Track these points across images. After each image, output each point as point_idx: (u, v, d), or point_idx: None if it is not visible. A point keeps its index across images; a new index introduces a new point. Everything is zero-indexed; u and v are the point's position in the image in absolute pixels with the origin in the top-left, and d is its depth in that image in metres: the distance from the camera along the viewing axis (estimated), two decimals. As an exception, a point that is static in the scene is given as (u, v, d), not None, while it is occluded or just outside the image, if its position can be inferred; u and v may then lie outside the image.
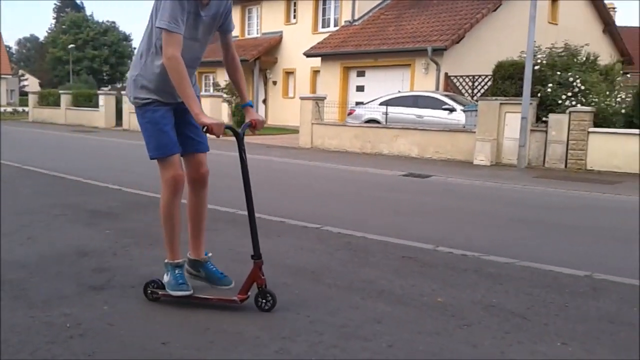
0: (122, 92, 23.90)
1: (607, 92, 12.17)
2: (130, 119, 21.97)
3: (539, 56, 12.63)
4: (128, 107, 22.11)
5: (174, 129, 3.16)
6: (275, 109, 24.64)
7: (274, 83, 25.10)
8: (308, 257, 4.24)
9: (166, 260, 3.24)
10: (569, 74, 11.99)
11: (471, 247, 4.64)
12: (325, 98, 16.04)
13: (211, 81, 24.99)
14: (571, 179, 9.87)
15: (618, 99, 12.01)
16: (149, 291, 3.23)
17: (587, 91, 11.81)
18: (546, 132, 11.53)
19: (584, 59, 12.78)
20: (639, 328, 2.95)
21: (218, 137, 2.93)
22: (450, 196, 8.18)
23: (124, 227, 5.04)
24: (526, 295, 3.49)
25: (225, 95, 20.35)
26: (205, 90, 24.02)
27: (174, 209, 3.18)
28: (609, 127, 11.19)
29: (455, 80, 16.49)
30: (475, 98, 15.00)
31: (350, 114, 15.85)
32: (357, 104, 17.27)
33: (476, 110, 12.42)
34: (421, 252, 4.49)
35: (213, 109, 17.71)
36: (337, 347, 2.66)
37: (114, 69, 40.37)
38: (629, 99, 11.87)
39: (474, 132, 12.29)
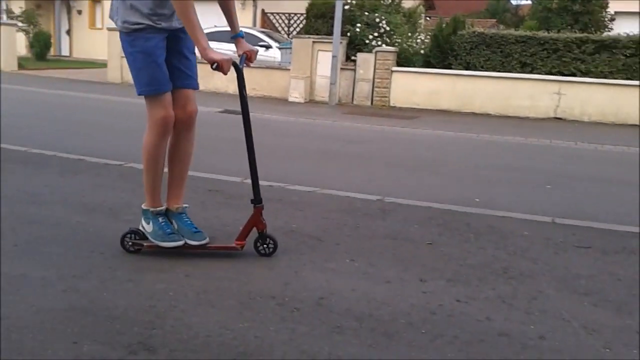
0: None
1: (409, 34, 13.03)
2: None
3: (350, -4, 13.05)
4: None
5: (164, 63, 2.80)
6: (81, 40, 22.62)
7: (79, 12, 22.93)
8: (107, 195, 4.04)
9: (144, 207, 2.93)
10: (376, 14, 12.60)
11: (278, 179, 4.78)
12: (136, 30, 15.03)
13: (3, 8, 22.05)
14: (376, 115, 10.55)
15: (418, 40, 12.93)
16: (130, 243, 2.89)
17: (392, 32, 12.54)
18: (355, 70, 12.11)
19: (390, 1, 13.48)
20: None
21: (225, 74, 2.73)
22: (265, 132, 8.27)
23: None
24: (323, 219, 3.71)
25: (20, 24, 18.12)
26: (-4, 18, 21.12)
27: (160, 151, 2.91)
28: (409, 66, 12.08)
29: (272, 18, 16.49)
30: (291, 36, 15.17)
31: (164, 48, 15.09)
32: (172, 38, 16.49)
33: (291, 48, 12.58)
34: (228, 185, 4.53)
35: (7, 39, 15.67)
36: (132, 281, 2.60)
37: None
38: (427, 41, 12.86)
39: (289, 69, 12.49)
